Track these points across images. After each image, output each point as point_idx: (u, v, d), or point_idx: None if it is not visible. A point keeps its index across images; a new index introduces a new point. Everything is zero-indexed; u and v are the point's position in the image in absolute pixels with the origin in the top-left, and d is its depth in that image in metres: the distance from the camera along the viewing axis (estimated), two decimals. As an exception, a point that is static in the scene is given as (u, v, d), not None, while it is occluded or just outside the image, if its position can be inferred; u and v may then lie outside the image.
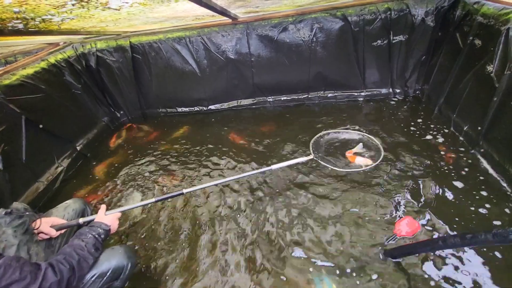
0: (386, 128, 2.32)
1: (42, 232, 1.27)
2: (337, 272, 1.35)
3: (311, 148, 1.88)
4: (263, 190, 1.90)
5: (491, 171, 1.74)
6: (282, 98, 2.94)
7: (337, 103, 2.84)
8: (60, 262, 1.03)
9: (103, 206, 1.38)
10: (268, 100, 2.96)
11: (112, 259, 1.23)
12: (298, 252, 1.47)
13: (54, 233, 1.31)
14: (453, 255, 1.33)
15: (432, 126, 2.25)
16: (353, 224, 1.57)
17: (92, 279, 1.16)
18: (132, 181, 2.20)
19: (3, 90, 1.97)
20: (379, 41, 2.45)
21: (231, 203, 1.84)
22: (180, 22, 2.45)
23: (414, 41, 2.37)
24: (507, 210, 1.49)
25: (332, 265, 1.38)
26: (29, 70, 2.22)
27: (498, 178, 1.68)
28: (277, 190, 1.89)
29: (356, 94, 2.82)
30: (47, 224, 1.29)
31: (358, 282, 1.29)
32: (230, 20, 2.44)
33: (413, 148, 2.05)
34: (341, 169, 1.90)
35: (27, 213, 1.20)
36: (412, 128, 2.26)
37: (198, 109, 3.05)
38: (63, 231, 1.37)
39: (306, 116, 2.69)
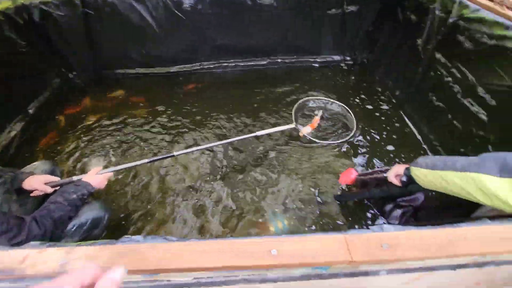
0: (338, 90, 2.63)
1: (36, 190, 1.31)
2: (289, 211, 1.67)
3: (293, 116, 2.03)
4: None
5: (412, 127, 2.18)
6: (242, 64, 3.04)
7: (295, 68, 3.04)
8: (43, 216, 1.14)
9: (99, 167, 1.45)
10: (230, 64, 3.03)
11: (90, 212, 1.36)
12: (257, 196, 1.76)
13: (50, 189, 1.35)
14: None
15: (372, 92, 2.59)
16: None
17: (73, 229, 1.29)
18: (91, 145, 2.24)
19: None
20: (333, 10, 2.62)
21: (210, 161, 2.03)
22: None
23: (363, 13, 2.59)
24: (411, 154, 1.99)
25: (284, 207, 1.70)
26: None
27: (415, 132, 2.14)
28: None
29: (311, 60, 3.03)
30: (40, 182, 1.32)
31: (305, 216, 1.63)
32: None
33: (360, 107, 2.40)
34: (318, 141, 2.03)
35: (7, 173, 1.24)
36: (359, 93, 2.60)
37: (158, 71, 3.01)
38: (57, 187, 1.38)
39: (268, 81, 2.85)
